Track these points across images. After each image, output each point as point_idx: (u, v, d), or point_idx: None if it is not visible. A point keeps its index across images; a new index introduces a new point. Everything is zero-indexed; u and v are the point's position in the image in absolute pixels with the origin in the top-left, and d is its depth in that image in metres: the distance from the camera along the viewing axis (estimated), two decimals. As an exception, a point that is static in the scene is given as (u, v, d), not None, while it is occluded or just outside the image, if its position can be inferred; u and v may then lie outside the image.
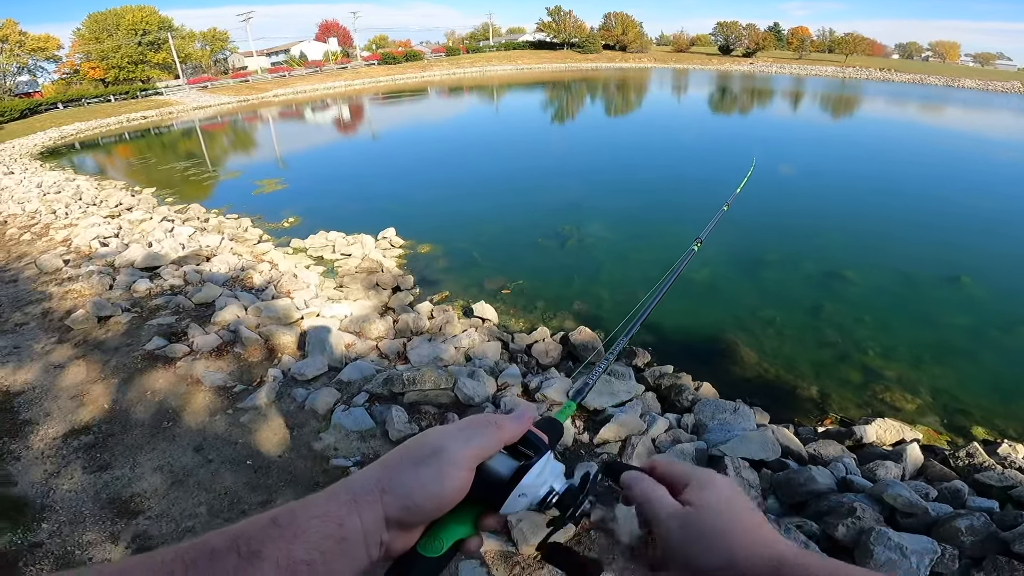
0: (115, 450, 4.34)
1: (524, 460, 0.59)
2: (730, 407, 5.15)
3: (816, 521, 3.60)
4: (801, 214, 11.99)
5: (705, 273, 8.68)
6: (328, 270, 8.77)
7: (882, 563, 3.17)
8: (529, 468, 0.57)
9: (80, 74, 54.16)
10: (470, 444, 0.56)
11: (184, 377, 5.37)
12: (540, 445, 0.60)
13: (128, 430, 4.60)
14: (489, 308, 7.06)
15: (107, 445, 4.39)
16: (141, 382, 5.29)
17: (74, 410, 4.88)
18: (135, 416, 4.79)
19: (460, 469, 0.55)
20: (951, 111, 37.74)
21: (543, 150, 20.84)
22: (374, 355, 5.90)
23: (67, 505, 3.81)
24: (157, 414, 4.81)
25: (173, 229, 10.24)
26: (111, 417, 4.76)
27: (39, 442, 4.45)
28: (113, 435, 4.51)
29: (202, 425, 4.68)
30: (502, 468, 0.58)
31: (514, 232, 10.84)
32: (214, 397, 5.07)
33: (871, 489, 3.84)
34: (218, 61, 67.38)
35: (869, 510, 3.52)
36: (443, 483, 0.54)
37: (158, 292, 7.43)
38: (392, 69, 65.66)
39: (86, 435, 4.51)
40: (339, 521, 0.50)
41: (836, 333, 7.22)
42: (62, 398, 5.07)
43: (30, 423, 4.72)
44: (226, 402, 5.00)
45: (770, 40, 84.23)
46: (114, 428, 4.60)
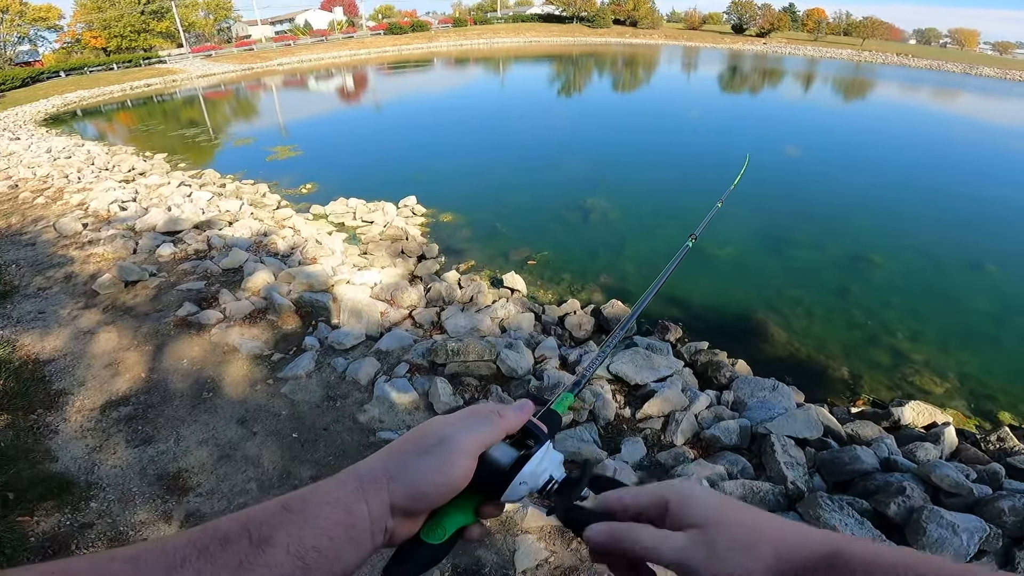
0: (157, 422, 4.23)
1: (525, 449, 0.60)
2: (768, 385, 5.15)
3: (865, 499, 3.63)
4: (826, 196, 11.87)
5: (731, 251, 8.62)
6: (351, 236, 8.69)
7: (934, 540, 3.22)
8: (530, 457, 0.59)
9: (81, 43, 53.01)
10: (474, 433, 0.58)
11: (219, 345, 5.27)
12: (540, 435, 0.62)
13: (168, 401, 4.48)
14: (519, 279, 7.01)
15: (148, 417, 4.29)
16: (176, 350, 5.19)
17: (109, 379, 4.75)
18: (173, 386, 4.68)
19: (464, 458, 0.56)
20: (973, 99, 37.15)
21: (555, 123, 20.55)
22: (408, 324, 5.86)
23: (114, 482, 3.69)
24: (196, 384, 4.71)
25: (191, 194, 10.10)
26: (149, 387, 4.64)
27: (76, 414, 4.33)
28: (153, 406, 4.41)
29: (243, 396, 4.59)
30: (503, 457, 0.59)
31: (536, 204, 10.74)
32: (252, 366, 4.98)
33: (917, 469, 3.87)
34: (222, 30, 65.97)
35: (917, 489, 3.57)
36: (448, 471, 0.55)
37: (183, 257, 7.35)
38: (398, 39, 64.43)
39: (125, 406, 4.40)
40: (347, 508, 0.51)
41: (864, 315, 7.20)
42: (95, 367, 4.93)
43: (64, 393, 4.57)
44: (265, 371, 4.91)
45: (785, 21, 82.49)
46: (153, 399, 4.49)
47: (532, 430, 0.62)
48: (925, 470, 3.77)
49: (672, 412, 4.58)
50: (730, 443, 4.31)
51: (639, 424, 4.55)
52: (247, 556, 0.46)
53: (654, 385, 4.94)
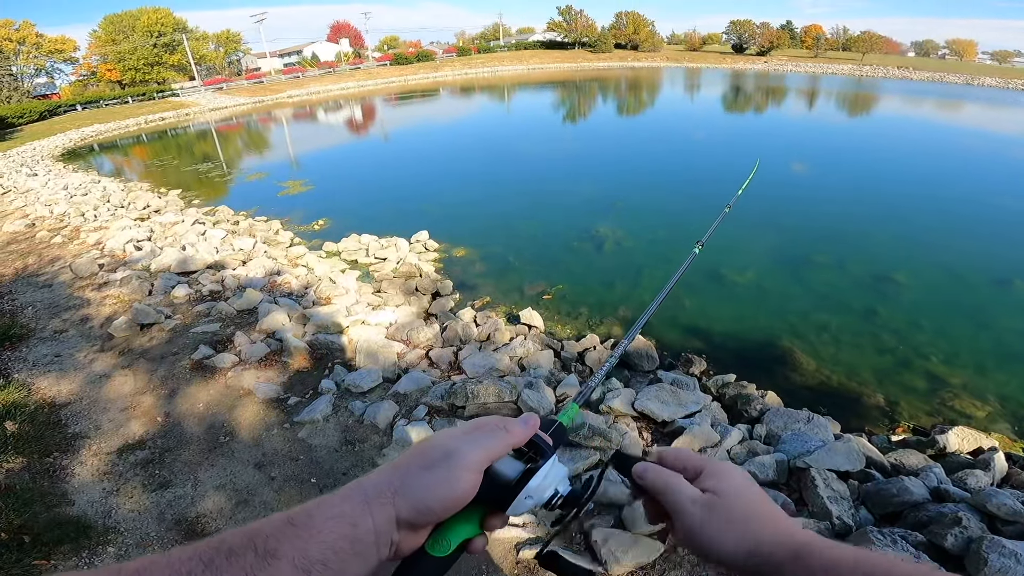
0: (173, 466, 4.19)
1: (530, 463, 0.61)
2: (803, 417, 4.97)
3: (919, 531, 3.47)
4: (842, 214, 11.66)
5: (751, 276, 8.45)
6: (364, 274, 8.62)
7: (997, 570, 3.07)
8: (536, 471, 0.59)
9: (97, 76, 54.67)
10: (480, 447, 0.58)
11: (235, 388, 5.23)
12: (546, 449, 0.63)
13: (184, 445, 4.44)
14: (535, 315, 6.86)
15: (164, 461, 4.25)
16: (192, 393, 5.16)
17: (125, 423, 4.74)
18: (189, 430, 4.65)
19: (470, 472, 0.56)
20: (979, 110, 37.00)
21: (563, 149, 20.60)
22: (425, 364, 5.73)
23: (131, 527, 3.64)
24: (212, 428, 4.67)
25: (205, 232, 10.14)
26: (165, 431, 4.62)
27: (93, 458, 4.31)
28: (169, 450, 4.38)
29: (259, 440, 4.53)
30: (509, 471, 0.59)
31: (548, 234, 10.63)
32: (268, 409, 4.91)
33: (971, 498, 3.70)
34: (232, 62, 67.69)
35: (973, 519, 3.42)
36: (453, 486, 0.55)
37: (198, 298, 7.33)
38: (404, 69, 65.66)
39: (141, 450, 4.37)
40: (353, 522, 0.52)
41: (894, 338, 6.98)
42: (111, 410, 4.92)
43: (80, 436, 4.56)
44: (281, 415, 4.85)
45: (784, 38, 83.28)
46: (169, 443, 4.47)
47: (538, 444, 0.63)
48: (980, 499, 3.61)
49: (703, 448, 4.41)
50: (767, 479, 4.12)
51: None
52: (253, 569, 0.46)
53: (682, 422, 4.76)
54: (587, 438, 4.26)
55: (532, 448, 0.63)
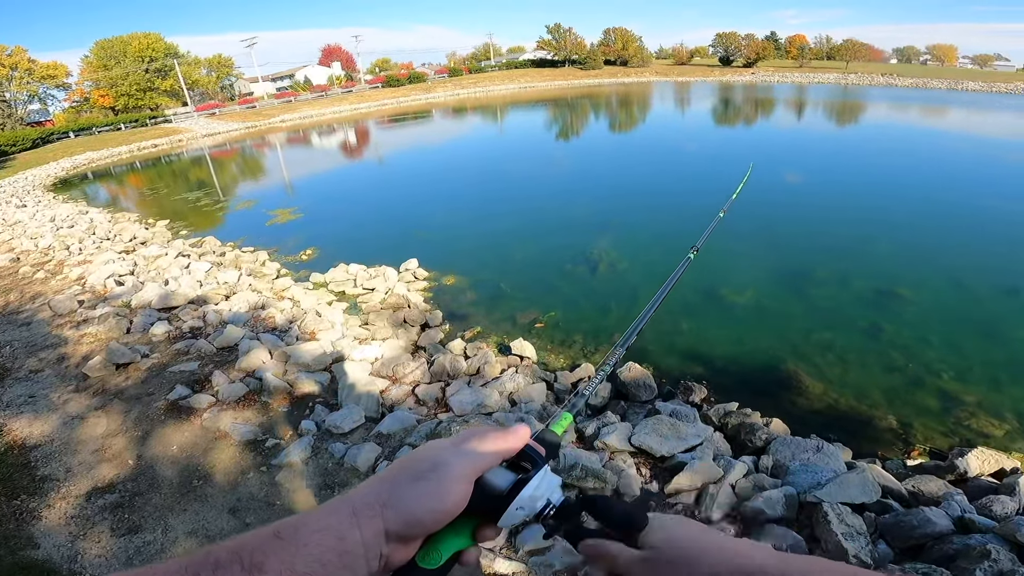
0: (144, 511, 4.06)
1: (522, 473, 0.60)
2: (812, 446, 4.69)
3: (944, 566, 3.26)
4: (839, 225, 11.45)
5: (750, 295, 8.21)
6: (352, 306, 8.36)
7: None
8: (527, 482, 0.58)
9: (90, 102, 54.79)
10: (469, 458, 0.57)
11: (211, 430, 5.06)
12: (537, 459, 0.61)
13: (155, 489, 4.30)
14: (528, 345, 6.59)
15: (134, 505, 4.12)
16: (165, 435, 5.01)
17: (96, 466, 4.64)
18: (162, 473, 4.52)
19: (459, 483, 0.56)
20: (967, 114, 37.20)
21: (555, 169, 20.48)
22: (411, 402, 5.46)
23: (97, 572, 3.55)
24: (185, 471, 4.54)
25: (190, 265, 9.90)
26: (136, 474, 4.48)
27: (61, 501, 4.20)
28: (140, 494, 4.24)
29: (234, 484, 4.38)
30: (500, 481, 0.58)
31: (540, 258, 10.38)
32: (244, 452, 4.74)
33: (999, 528, 3.48)
34: (224, 87, 68.09)
35: (1003, 551, 3.22)
36: (443, 497, 0.54)
37: (177, 335, 7.10)
38: (396, 91, 66.17)
39: (111, 493, 4.25)
40: (340, 535, 0.51)
41: (902, 356, 6.71)
42: (82, 452, 4.83)
43: (50, 479, 4.46)
44: (258, 458, 4.67)
45: (769, 49, 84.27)
46: (140, 486, 4.33)
47: (530, 454, 0.61)
48: (1009, 529, 3.39)
49: (705, 485, 4.14)
50: (776, 515, 3.85)
51: (669, 499, 4.12)
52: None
53: (682, 456, 4.49)
54: (580, 479, 3.99)
55: (524, 458, 0.62)
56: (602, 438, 4.58)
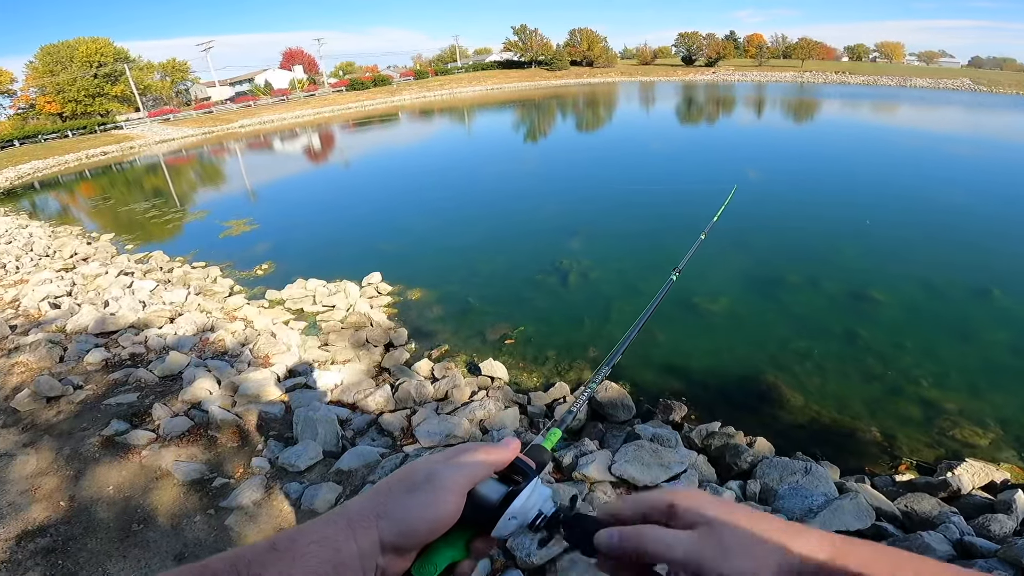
0: (79, 556, 3.72)
1: (513, 485, 0.61)
2: (800, 467, 4.48)
3: None
4: (808, 228, 11.41)
5: (724, 302, 8.01)
6: (310, 325, 7.83)
7: None
8: (518, 492, 0.59)
9: (36, 109, 52.38)
10: (461, 470, 0.58)
11: (151, 468, 4.59)
12: (528, 471, 0.62)
13: (91, 533, 3.93)
14: (498, 365, 6.20)
15: (68, 550, 3.78)
16: (100, 474, 4.56)
17: (26, 507, 4.22)
18: (98, 516, 4.11)
19: (452, 494, 0.56)
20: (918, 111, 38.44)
21: (524, 173, 20.14)
22: (374, 432, 5.03)
23: None
24: (124, 514, 4.12)
25: (132, 284, 9.20)
26: (70, 517, 4.10)
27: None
28: (74, 538, 3.88)
29: (180, 528, 3.98)
30: (492, 493, 0.59)
31: (509, 269, 9.99)
32: (190, 493, 4.31)
33: (1003, 552, 3.31)
34: (180, 92, 65.78)
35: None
36: (436, 508, 0.55)
37: (116, 363, 6.52)
38: (361, 95, 64.96)
39: (43, 537, 3.89)
40: (336, 546, 0.51)
41: (879, 363, 6.59)
42: (11, 493, 4.41)
43: None
44: (206, 500, 4.24)
45: (729, 49, 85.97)
46: (75, 530, 3.96)
47: (520, 466, 0.62)
48: (1014, 554, 3.23)
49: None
50: None
51: None
52: None
53: (667, 486, 4.19)
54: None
55: (514, 471, 0.63)
56: (580, 469, 4.25)
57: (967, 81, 63.94)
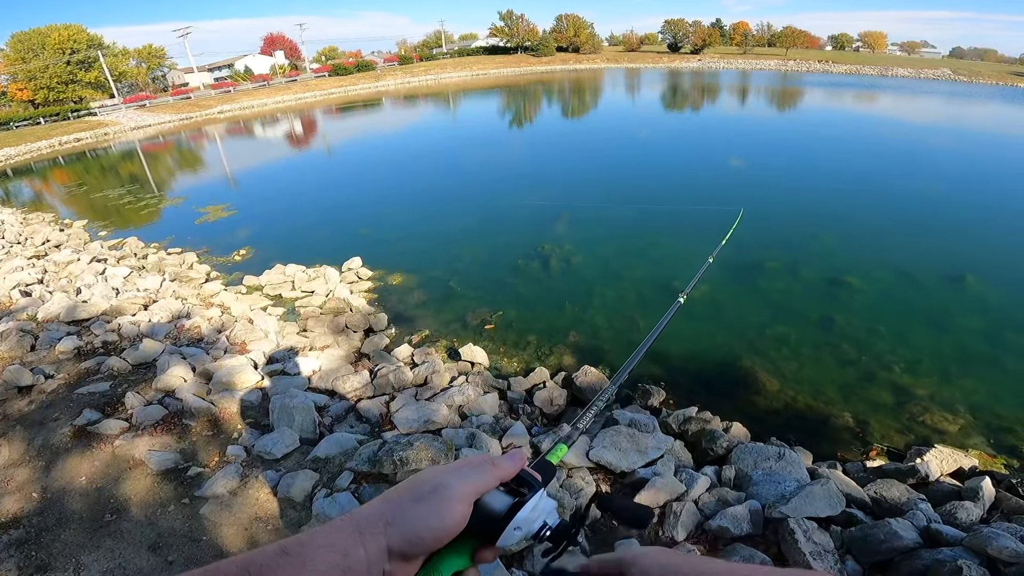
0: (52, 548, 3.71)
1: (519, 497, 0.62)
2: (773, 453, 4.53)
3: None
4: (786, 215, 11.53)
5: (704, 289, 8.06)
6: (289, 311, 7.74)
7: None
8: (524, 504, 0.60)
9: (8, 96, 50.92)
10: (468, 480, 0.60)
11: (124, 458, 4.54)
12: (534, 483, 0.64)
13: (64, 524, 3.90)
14: (479, 350, 6.19)
15: (41, 542, 3.76)
16: (72, 465, 4.51)
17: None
18: (70, 507, 4.05)
19: (459, 503, 0.58)
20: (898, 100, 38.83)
21: (508, 159, 20.03)
22: (352, 419, 5.00)
23: None
24: (96, 504, 4.09)
25: (105, 271, 9.00)
26: (42, 508, 4.06)
27: None
28: (47, 529, 3.87)
29: (154, 518, 3.96)
30: (498, 504, 0.61)
31: (492, 254, 9.96)
32: (164, 483, 4.27)
33: (968, 540, 3.38)
34: (156, 78, 64.15)
35: (974, 566, 3.14)
36: (443, 517, 0.56)
37: (88, 351, 6.39)
38: (344, 80, 63.89)
39: (15, 529, 3.87)
40: (344, 551, 0.53)
41: (854, 349, 6.70)
42: None
43: None
44: (180, 489, 4.21)
45: (715, 36, 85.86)
46: (47, 521, 3.94)
47: (526, 478, 0.64)
48: (979, 542, 3.30)
49: (668, 502, 3.89)
50: (742, 533, 3.66)
51: None
52: None
53: (643, 472, 4.25)
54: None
55: (520, 483, 0.64)
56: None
57: (947, 71, 64.69)
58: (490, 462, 0.63)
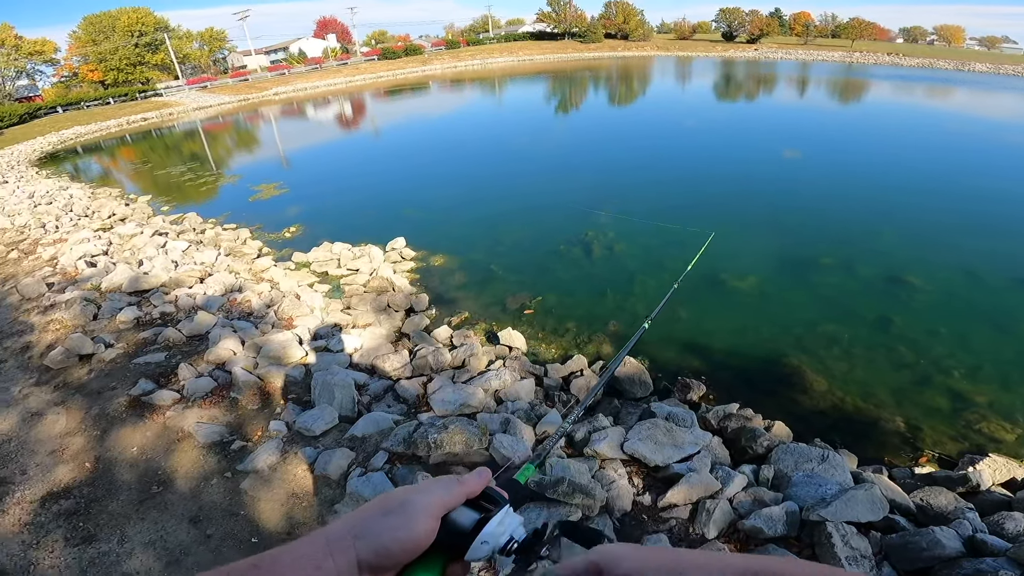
0: (99, 519, 3.79)
1: (485, 512, 0.63)
2: (816, 455, 4.36)
3: None
4: (845, 209, 11.01)
5: (752, 281, 7.82)
6: (334, 288, 7.94)
7: None
8: (490, 518, 0.62)
9: (79, 77, 53.60)
10: (434, 495, 0.61)
11: (173, 429, 4.68)
12: (499, 499, 0.65)
13: (113, 495, 3.99)
14: (517, 335, 6.20)
15: (90, 512, 3.84)
16: (125, 435, 4.64)
17: (52, 468, 4.27)
18: (120, 477, 4.19)
19: (426, 516, 0.59)
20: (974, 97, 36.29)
21: (552, 145, 19.81)
22: (390, 398, 5.09)
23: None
24: (145, 475, 4.20)
25: (166, 244, 9.44)
26: (93, 478, 4.17)
27: (15, 506, 3.91)
28: (96, 500, 3.95)
29: (197, 491, 4.05)
30: (465, 520, 0.62)
31: (533, 239, 9.92)
32: (209, 456, 4.38)
33: (1013, 551, 3.20)
34: (217, 61, 66.42)
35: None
36: (411, 529, 0.57)
37: (147, 322, 6.69)
38: (392, 64, 64.56)
39: (66, 499, 3.97)
40: (316, 564, 0.53)
41: (911, 351, 6.37)
42: (40, 453, 4.50)
43: (5, 482, 4.15)
44: (223, 462, 4.31)
45: (773, 25, 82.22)
46: (97, 492, 4.03)
47: (491, 494, 0.66)
48: (1022, 553, 3.12)
49: (700, 500, 3.82)
50: (775, 534, 3.54)
51: (661, 513, 3.80)
52: None
53: (678, 467, 4.15)
54: (567, 495, 3.63)
55: (486, 499, 0.65)
56: (592, 445, 4.22)
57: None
58: (456, 480, 0.64)
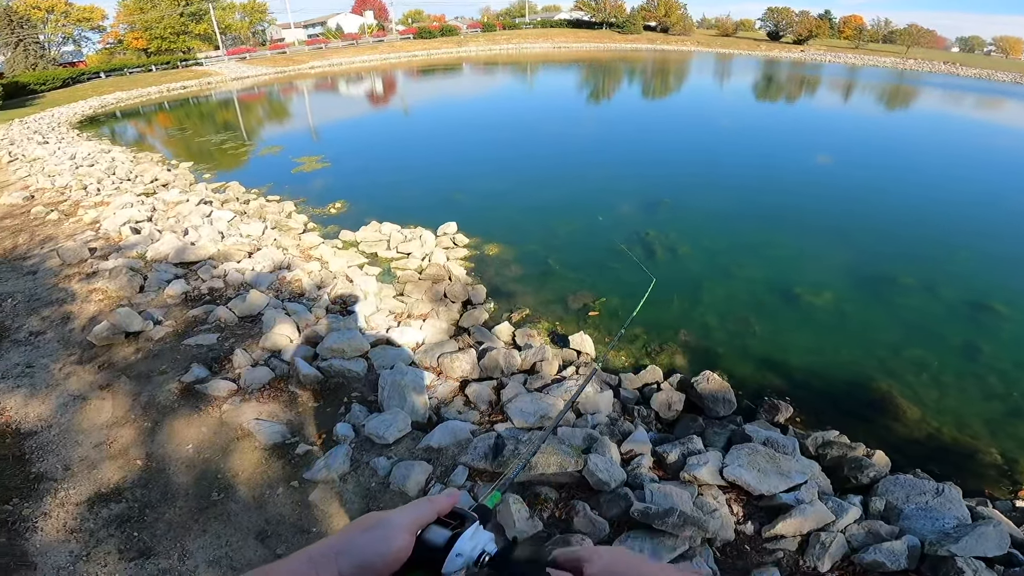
0: (156, 528, 3.41)
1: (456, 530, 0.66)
2: (931, 488, 4.05)
3: None
4: (922, 226, 10.39)
5: (828, 297, 7.33)
6: (385, 271, 7.62)
7: None
8: (461, 534, 0.65)
9: (124, 44, 54.21)
10: (408, 513, 0.65)
11: (231, 426, 4.29)
12: (468, 516, 0.68)
13: (169, 500, 3.61)
14: (587, 340, 5.81)
15: (145, 520, 3.45)
16: (179, 429, 4.24)
17: (99, 464, 3.91)
18: (176, 479, 3.80)
19: (402, 532, 0.62)
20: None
21: (595, 133, 19.24)
22: (460, 403, 4.75)
23: None
24: (203, 478, 3.81)
25: (212, 214, 9.19)
26: (147, 478, 3.78)
27: (59, 508, 3.53)
28: (151, 506, 3.56)
29: (262, 501, 3.64)
30: (438, 537, 0.65)
31: (590, 233, 9.47)
32: (272, 459, 3.98)
33: None
34: (256, 33, 66.64)
35: None
36: (389, 543, 0.61)
37: (195, 297, 6.34)
38: (428, 44, 63.90)
39: (117, 502, 3.57)
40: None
41: (1001, 381, 5.93)
42: (84, 445, 4.08)
43: (46, 478, 3.75)
44: (288, 468, 3.91)
45: (822, 28, 79.72)
46: (151, 495, 3.64)
47: (461, 513, 0.69)
48: None
49: (813, 531, 3.51)
50: (897, 568, 3.28)
51: (766, 544, 3.48)
52: None
53: (785, 497, 3.78)
54: (676, 526, 3.27)
55: (455, 517, 0.68)
56: (691, 470, 3.85)
57: (1093, 80, 57.44)
58: (427, 500, 0.68)
